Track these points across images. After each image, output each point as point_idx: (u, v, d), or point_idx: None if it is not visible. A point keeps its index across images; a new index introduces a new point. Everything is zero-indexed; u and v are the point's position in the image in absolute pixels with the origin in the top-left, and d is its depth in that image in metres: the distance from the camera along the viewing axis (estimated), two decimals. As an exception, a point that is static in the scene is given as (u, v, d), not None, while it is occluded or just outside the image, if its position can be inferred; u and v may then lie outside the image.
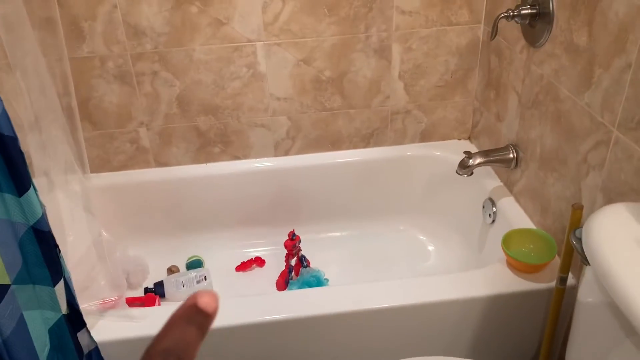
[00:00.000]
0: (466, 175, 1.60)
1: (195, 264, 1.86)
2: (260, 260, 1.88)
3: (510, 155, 1.58)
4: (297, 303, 1.31)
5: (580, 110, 1.23)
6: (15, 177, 0.91)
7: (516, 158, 1.57)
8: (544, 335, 1.32)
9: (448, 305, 1.31)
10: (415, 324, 1.33)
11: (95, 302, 1.36)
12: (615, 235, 0.85)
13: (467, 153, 1.59)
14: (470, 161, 1.57)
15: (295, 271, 1.80)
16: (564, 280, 1.22)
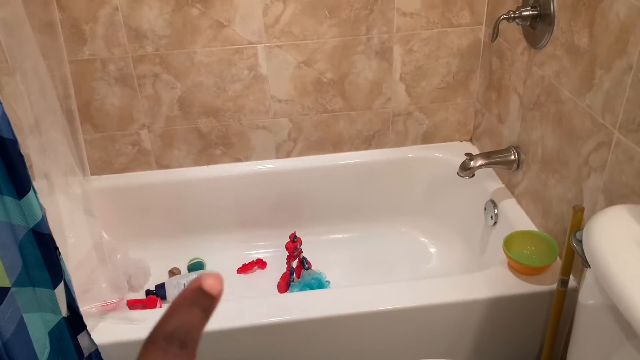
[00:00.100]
0: (468, 177, 1.60)
1: (197, 266, 1.86)
2: (262, 262, 1.88)
3: (511, 157, 1.58)
4: (299, 305, 1.31)
5: (581, 112, 1.23)
6: (15, 180, 0.91)
7: (518, 160, 1.57)
8: (545, 337, 1.31)
9: (449, 308, 1.31)
10: (416, 326, 1.33)
11: (97, 305, 1.36)
12: (616, 237, 0.85)
13: (469, 155, 1.58)
14: (471, 163, 1.56)
15: (297, 273, 1.80)
16: (565, 283, 1.21)
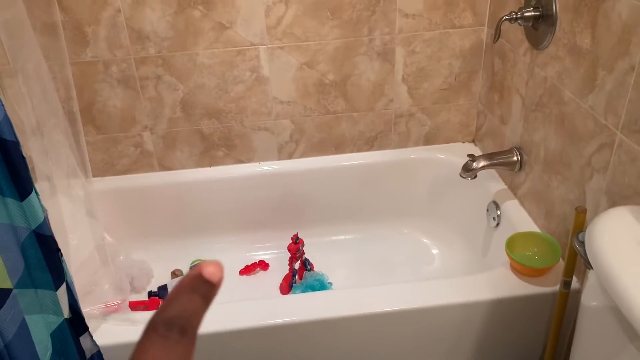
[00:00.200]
0: (470, 179, 1.59)
1: (199, 268, 1.85)
2: (264, 264, 1.88)
3: (514, 158, 1.57)
4: (301, 307, 1.31)
5: (583, 113, 1.22)
6: (17, 182, 0.92)
7: (520, 161, 1.56)
8: (548, 339, 1.31)
9: (452, 309, 1.30)
10: (419, 327, 1.33)
11: (99, 306, 1.36)
12: (619, 238, 0.84)
13: (471, 156, 1.58)
14: (474, 164, 1.56)
15: (299, 275, 1.80)
16: (568, 284, 1.21)
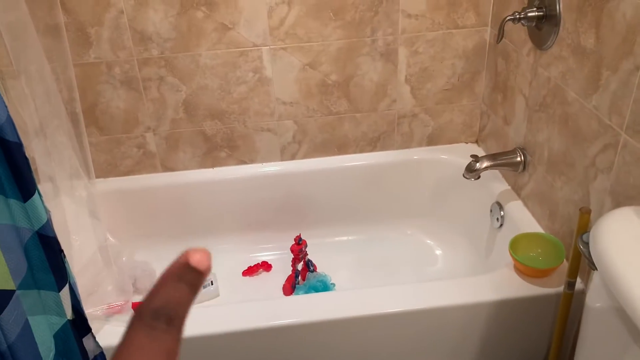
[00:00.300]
0: (473, 179, 1.59)
1: (202, 269, 1.85)
2: (267, 265, 1.88)
3: (517, 159, 1.57)
4: (304, 308, 1.31)
5: (588, 113, 1.22)
6: (20, 183, 0.91)
7: (524, 161, 1.56)
8: (552, 340, 1.30)
9: (455, 310, 1.30)
10: (422, 329, 1.32)
11: (102, 307, 1.36)
12: (623, 239, 0.84)
13: (474, 157, 1.58)
14: (477, 165, 1.56)
15: (302, 276, 1.80)
16: (572, 285, 1.20)
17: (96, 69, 1.66)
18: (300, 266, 1.80)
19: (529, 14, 1.38)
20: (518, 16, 1.39)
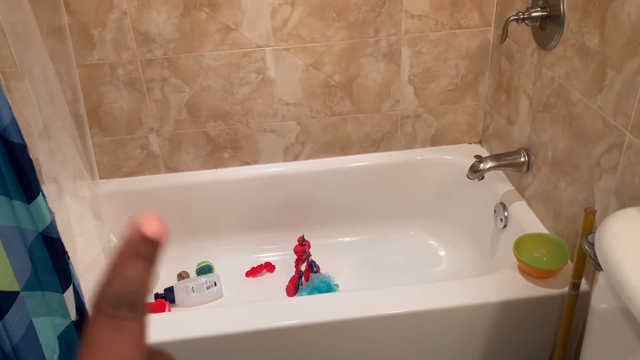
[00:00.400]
0: (477, 180, 1.58)
1: (205, 270, 1.85)
2: (270, 266, 1.88)
3: (521, 159, 1.56)
4: (307, 309, 1.30)
5: (592, 114, 1.22)
6: (24, 184, 0.92)
7: (528, 162, 1.56)
8: (556, 342, 1.30)
9: (459, 311, 1.29)
10: (426, 330, 1.32)
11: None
12: (629, 240, 0.84)
13: (478, 157, 1.57)
14: (481, 165, 1.55)
15: (305, 277, 1.80)
16: (576, 286, 1.20)
17: (99, 70, 1.67)
18: (303, 267, 1.80)
19: (533, 14, 1.38)
20: (522, 16, 1.39)
